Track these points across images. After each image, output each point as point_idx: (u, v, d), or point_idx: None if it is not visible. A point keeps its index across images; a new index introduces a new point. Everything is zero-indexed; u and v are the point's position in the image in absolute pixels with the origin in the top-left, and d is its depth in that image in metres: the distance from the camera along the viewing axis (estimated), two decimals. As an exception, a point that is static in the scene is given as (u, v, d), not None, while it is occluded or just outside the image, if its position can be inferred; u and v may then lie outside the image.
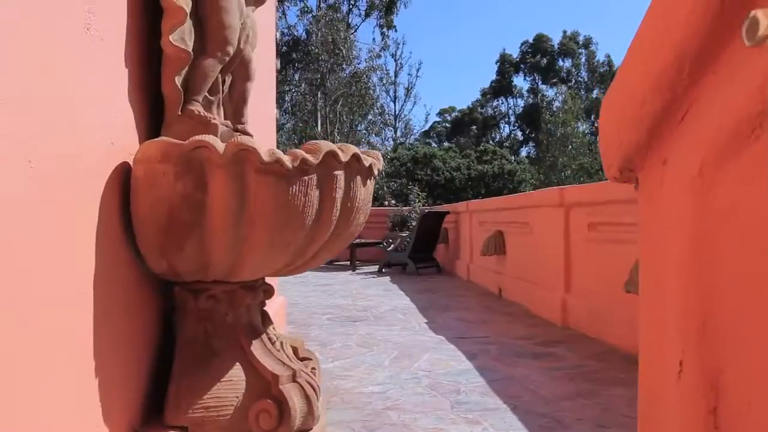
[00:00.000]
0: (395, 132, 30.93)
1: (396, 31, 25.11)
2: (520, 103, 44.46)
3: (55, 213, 1.23)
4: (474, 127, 44.09)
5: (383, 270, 9.56)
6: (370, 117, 20.34)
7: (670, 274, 0.84)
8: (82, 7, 1.36)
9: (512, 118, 44.73)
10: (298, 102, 20.37)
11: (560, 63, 43.24)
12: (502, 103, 45.14)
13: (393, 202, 12.02)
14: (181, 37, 1.70)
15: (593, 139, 37.47)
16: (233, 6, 1.85)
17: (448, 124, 46.15)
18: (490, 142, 43.08)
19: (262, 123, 3.14)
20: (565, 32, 43.07)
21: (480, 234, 7.67)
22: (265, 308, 2.05)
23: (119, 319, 1.56)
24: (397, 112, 32.74)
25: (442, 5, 66.97)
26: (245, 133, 2.09)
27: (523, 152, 43.35)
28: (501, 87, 44.36)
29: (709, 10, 0.75)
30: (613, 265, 3.93)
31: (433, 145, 43.87)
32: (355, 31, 23.09)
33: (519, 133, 44.31)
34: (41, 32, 1.19)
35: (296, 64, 20.96)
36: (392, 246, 9.57)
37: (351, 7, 23.34)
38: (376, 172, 1.89)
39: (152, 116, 1.78)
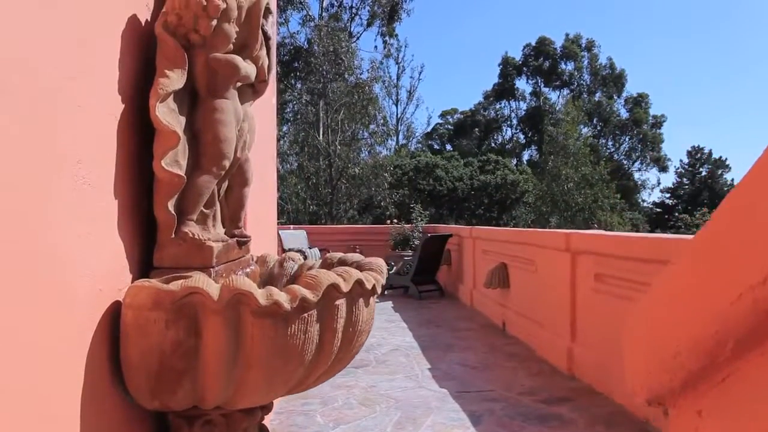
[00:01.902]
0: (397, 136, 30.86)
1: (398, 39, 25.07)
2: (523, 106, 44.31)
3: (43, 368, 1.17)
4: (476, 129, 43.95)
5: (385, 292, 9.48)
6: (372, 127, 20.23)
7: None
8: (68, 160, 1.28)
9: (515, 121, 44.57)
10: (299, 111, 20.26)
11: (563, 66, 43.04)
12: (505, 106, 44.98)
13: (395, 221, 11.91)
14: (174, 159, 1.62)
15: (593, 143, 37.36)
16: (230, 117, 1.76)
17: (450, 127, 46.02)
18: (493, 145, 42.97)
19: (262, 191, 3.05)
20: (567, 35, 42.88)
21: (483, 262, 7.57)
22: (263, 422, 1.97)
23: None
24: (399, 116, 32.66)
25: (444, 8, 66.76)
26: (243, 237, 2.01)
27: (526, 155, 43.24)
28: (503, 90, 44.18)
29: (759, 307, 0.67)
30: (622, 321, 3.84)
31: (436, 147, 43.78)
32: (357, 39, 23.01)
33: (521, 137, 44.15)
34: (20, 197, 1.11)
35: (298, 73, 20.85)
36: (394, 269, 9.48)
37: (353, 16, 23.24)
38: (379, 289, 1.81)
39: (145, 238, 1.70)
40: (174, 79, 1.61)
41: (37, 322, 1.17)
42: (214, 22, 1.67)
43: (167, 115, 1.59)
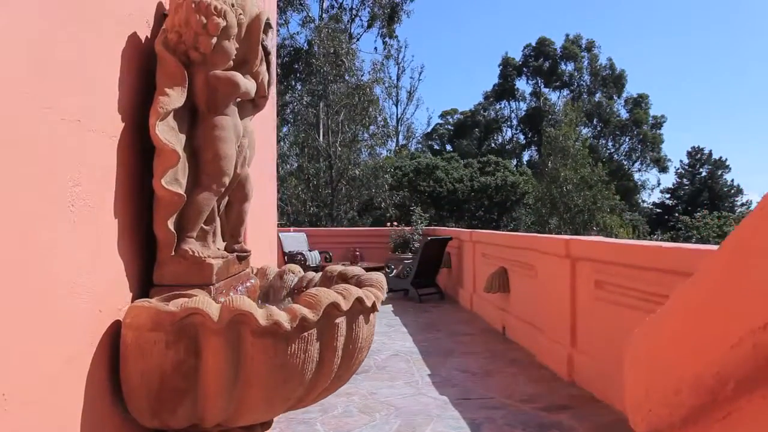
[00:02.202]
0: (397, 136, 30.86)
1: (398, 40, 25.09)
2: (523, 106, 44.31)
3: (43, 390, 1.17)
4: (476, 130, 43.95)
5: (385, 295, 9.48)
6: (373, 128, 20.23)
7: None
8: (66, 184, 1.28)
9: (515, 122, 44.57)
10: (299, 112, 20.26)
11: (563, 66, 43.03)
12: (505, 106, 44.98)
13: (395, 224, 11.91)
14: (174, 178, 1.62)
15: (594, 143, 37.37)
16: (230, 134, 1.76)
17: (450, 127, 46.03)
18: (493, 145, 42.97)
19: (261, 203, 3.05)
20: (567, 35, 42.90)
21: (483, 266, 7.57)
22: (263, 437, 1.97)
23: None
24: (399, 116, 32.67)
25: (444, 8, 66.76)
26: (243, 252, 2.01)
27: (526, 156, 43.24)
28: (503, 90, 44.18)
29: (759, 352, 0.67)
30: (622, 329, 3.84)
31: (436, 147, 43.78)
32: (357, 40, 23.02)
33: (521, 137, 44.15)
34: (20, 222, 1.11)
35: (298, 75, 20.84)
36: (394, 272, 9.48)
37: (353, 17, 23.24)
38: (379, 306, 1.81)
39: (145, 255, 1.70)
40: (174, 97, 1.61)
41: (36, 347, 1.17)
42: (214, 40, 1.67)
43: (167, 133, 1.59)
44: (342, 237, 12.45)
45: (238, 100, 1.85)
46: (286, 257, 10.54)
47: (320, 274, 2.28)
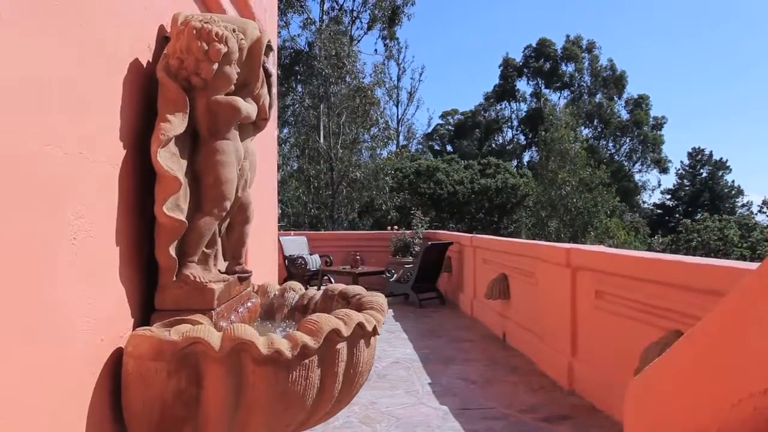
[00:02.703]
0: (398, 137, 30.86)
1: (398, 42, 25.11)
2: (523, 107, 44.31)
3: (45, 419, 1.18)
4: (477, 130, 43.96)
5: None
6: (374, 130, 20.24)
7: None
8: (68, 218, 1.28)
9: (515, 123, 44.58)
10: (300, 114, 20.27)
11: (563, 67, 43.03)
12: (505, 107, 44.98)
13: (396, 227, 11.91)
14: (175, 204, 1.62)
15: (594, 144, 37.35)
16: (231, 159, 1.77)
17: (450, 127, 46.05)
18: (494, 146, 42.97)
19: (262, 224, 3.06)
20: (568, 36, 42.91)
21: (483, 271, 7.57)
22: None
23: None
24: (399, 117, 32.68)
25: (444, 9, 66.75)
26: (244, 273, 2.01)
27: (526, 157, 43.24)
28: (504, 91, 44.18)
29: (759, 415, 0.67)
30: (622, 339, 3.85)
31: (436, 147, 43.78)
32: (358, 42, 23.01)
33: (522, 138, 44.15)
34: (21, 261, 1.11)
35: (299, 77, 20.84)
36: (395, 277, 9.48)
37: (354, 19, 23.23)
38: (380, 330, 1.81)
39: (146, 279, 1.70)
40: (175, 124, 1.62)
41: (37, 383, 1.17)
42: (216, 66, 1.67)
43: (169, 160, 1.59)
44: (342, 240, 12.45)
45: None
46: (286, 261, 10.53)
47: (321, 292, 2.28)
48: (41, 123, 1.18)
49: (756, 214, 34.43)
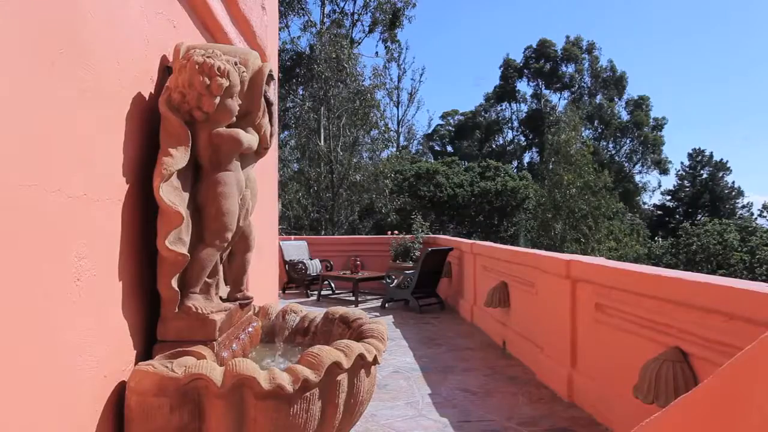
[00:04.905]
0: (398, 138, 30.89)
1: (399, 45, 25.11)
2: (524, 108, 44.36)
3: None
4: (477, 131, 43.98)
5: (386, 306, 9.50)
6: (374, 133, 20.25)
7: None
8: (72, 260, 1.30)
9: (515, 123, 44.62)
10: (301, 117, 20.28)
11: (564, 68, 43.07)
12: (506, 108, 45.01)
13: (396, 232, 11.92)
14: (177, 237, 1.64)
15: (594, 145, 37.30)
16: (232, 190, 1.78)
17: (451, 128, 46.07)
18: (494, 146, 42.99)
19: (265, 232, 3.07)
20: (568, 37, 42.95)
21: (484, 278, 7.59)
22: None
23: None
24: (400, 118, 32.69)
25: (445, 10, 66.77)
26: (245, 299, 2.02)
27: (527, 157, 43.27)
28: (504, 92, 44.22)
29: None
30: (621, 353, 3.86)
31: (437, 148, 43.80)
32: (359, 45, 23.03)
33: (522, 139, 44.17)
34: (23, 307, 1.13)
35: (299, 79, 20.85)
36: (395, 282, 9.50)
37: (354, 22, 23.25)
38: (380, 359, 1.82)
39: (148, 311, 1.72)
40: (177, 158, 1.63)
41: (42, 421, 1.18)
42: (218, 100, 1.68)
43: (171, 194, 1.61)
44: (342, 245, 12.47)
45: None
46: (287, 266, 10.54)
47: (322, 315, 2.30)
48: (44, 171, 1.19)
49: (756, 217, 34.44)
